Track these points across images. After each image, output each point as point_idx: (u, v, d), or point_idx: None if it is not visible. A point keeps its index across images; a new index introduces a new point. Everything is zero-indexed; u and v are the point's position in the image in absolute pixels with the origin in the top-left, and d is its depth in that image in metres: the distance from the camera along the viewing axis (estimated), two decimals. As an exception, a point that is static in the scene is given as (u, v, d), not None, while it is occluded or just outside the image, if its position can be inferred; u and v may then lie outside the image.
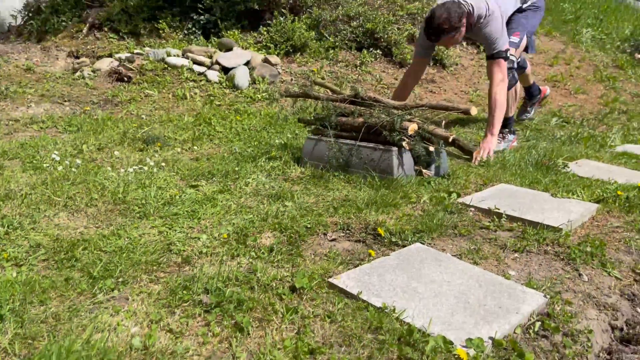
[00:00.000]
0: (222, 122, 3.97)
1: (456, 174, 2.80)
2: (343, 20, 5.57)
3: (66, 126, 3.64)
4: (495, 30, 3.20)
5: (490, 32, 3.20)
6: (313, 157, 2.95)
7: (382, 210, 2.21)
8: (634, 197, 2.36)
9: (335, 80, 5.07)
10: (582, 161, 3.21)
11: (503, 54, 3.22)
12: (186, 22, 5.45)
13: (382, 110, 2.82)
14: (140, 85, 4.56)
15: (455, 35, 3.19)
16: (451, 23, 3.10)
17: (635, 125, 4.68)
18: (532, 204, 2.29)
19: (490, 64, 3.27)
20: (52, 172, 2.63)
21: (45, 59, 5.11)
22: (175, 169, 2.83)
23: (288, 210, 2.22)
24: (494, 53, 3.22)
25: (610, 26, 8.71)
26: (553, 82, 5.95)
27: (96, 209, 2.20)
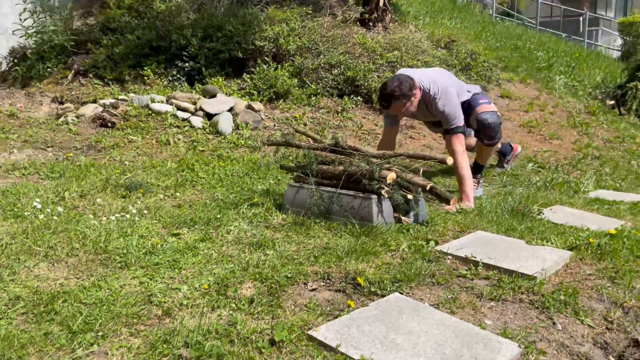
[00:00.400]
0: (205, 168, 4.02)
1: (434, 221, 2.86)
2: (325, 68, 5.73)
3: (49, 172, 3.65)
4: (452, 107, 3.40)
5: (448, 108, 3.39)
6: (295, 204, 3.00)
7: (362, 259, 2.24)
8: (605, 244, 2.43)
9: (317, 126, 5.17)
10: (557, 207, 3.30)
11: (460, 128, 3.41)
12: (171, 69, 5.56)
13: (362, 159, 2.89)
14: (124, 131, 4.61)
15: (406, 103, 3.35)
16: (402, 90, 3.30)
17: (607, 171, 4.83)
18: (507, 252, 2.35)
19: (449, 139, 3.44)
20: (33, 220, 2.63)
21: (29, 105, 5.14)
22: (157, 217, 2.85)
23: (269, 259, 2.25)
24: (452, 128, 3.40)
25: (582, 73, 9.07)
26: (528, 127, 6.14)
27: (77, 259, 2.20)
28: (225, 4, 6.16)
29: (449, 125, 3.43)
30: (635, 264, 2.27)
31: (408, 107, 3.39)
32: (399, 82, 3.32)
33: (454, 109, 3.41)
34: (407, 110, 3.42)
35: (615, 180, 4.51)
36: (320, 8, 6.81)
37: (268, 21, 5.90)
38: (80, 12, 6.50)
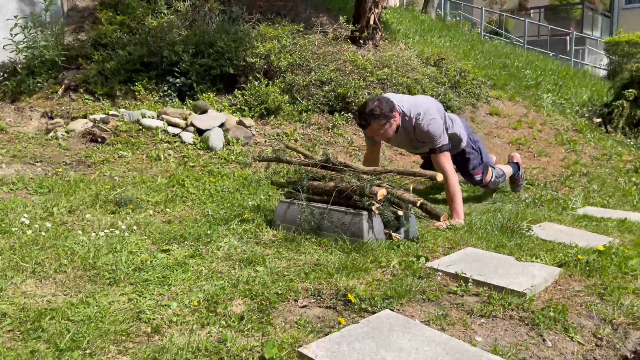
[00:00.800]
0: (196, 183, 4.01)
1: (425, 237, 2.87)
2: (316, 85, 5.77)
3: (37, 188, 3.62)
4: (436, 127, 3.42)
5: (432, 128, 3.41)
6: (285, 220, 2.99)
7: (352, 275, 2.24)
8: (593, 261, 2.45)
9: (308, 142, 5.19)
10: (545, 224, 3.33)
11: (446, 146, 3.46)
12: (162, 84, 5.56)
13: (353, 175, 2.91)
14: (114, 147, 4.59)
15: (385, 125, 3.34)
16: (382, 110, 3.29)
17: (595, 188, 4.88)
18: (497, 269, 2.36)
19: (436, 158, 3.47)
20: (21, 236, 2.61)
21: (18, 120, 5.12)
22: (147, 233, 2.83)
23: (259, 275, 2.24)
24: (439, 147, 3.44)
25: (569, 92, 9.20)
26: (517, 144, 6.20)
27: (65, 275, 2.18)
28: (216, 21, 6.20)
29: (435, 144, 3.45)
30: (623, 281, 2.29)
31: (387, 128, 3.37)
32: (379, 102, 3.33)
33: (438, 128, 3.44)
34: (385, 132, 3.39)
35: (602, 197, 4.55)
36: (312, 25, 6.87)
37: (259, 38, 5.94)
38: (72, 28, 6.51)
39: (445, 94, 6.33)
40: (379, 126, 3.34)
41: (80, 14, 6.73)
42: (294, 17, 7.01)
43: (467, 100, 6.72)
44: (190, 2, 6.51)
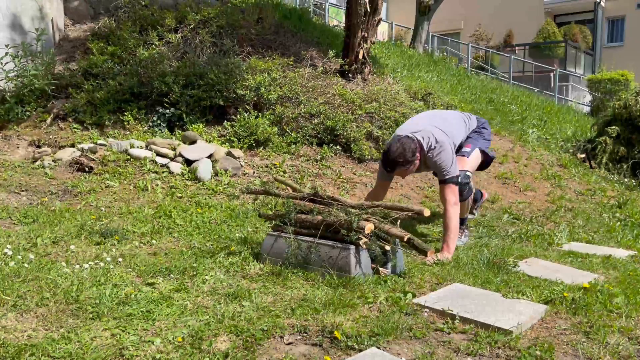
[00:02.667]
0: (183, 214, 3.99)
1: (412, 272, 2.86)
2: (305, 117, 5.82)
3: (21, 217, 3.58)
4: (445, 159, 3.48)
5: (441, 160, 3.48)
6: (272, 254, 2.98)
7: (339, 312, 2.23)
8: (579, 298, 2.46)
9: (296, 174, 5.20)
10: (532, 260, 3.34)
11: (454, 179, 3.49)
12: (152, 115, 5.58)
13: (341, 209, 2.91)
14: (101, 176, 4.57)
15: (409, 168, 3.51)
16: (405, 157, 3.44)
17: (580, 223, 4.93)
18: (484, 306, 2.36)
19: (442, 188, 3.51)
20: (3, 268, 2.56)
21: (5, 148, 5.08)
22: (132, 265, 2.80)
23: (245, 310, 2.21)
24: (447, 179, 3.48)
25: (554, 127, 9.37)
26: (503, 179, 6.27)
27: (47, 309, 2.14)
28: (207, 53, 6.27)
29: (443, 176, 3.50)
30: (609, 319, 2.30)
31: (410, 170, 3.56)
32: (402, 148, 3.43)
33: (447, 160, 3.48)
34: (409, 172, 3.59)
35: (587, 232, 4.59)
36: (302, 59, 6.97)
37: (250, 71, 6.01)
38: (63, 57, 6.54)
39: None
40: (403, 171, 3.56)
41: (71, 44, 6.78)
42: (284, 51, 7.11)
43: (454, 134, 6.80)
44: (181, 35, 6.60)
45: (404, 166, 3.48)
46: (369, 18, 6.84)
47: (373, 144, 5.92)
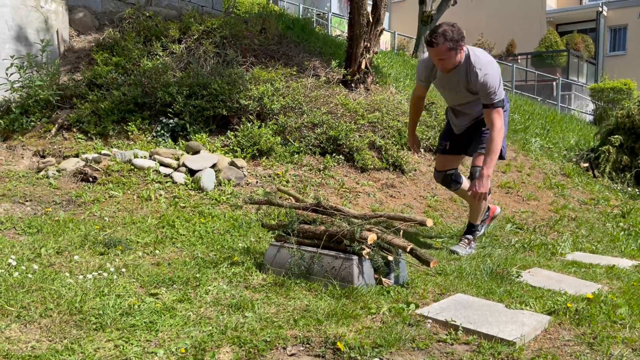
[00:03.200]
0: (186, 224, 4.00)
1: (415, 282, 2.86)
2: (307, 127, 5.84)
3: (26, 228, 3.60)
4: (493, 79, 3.33)
5: (488, 80, 3.32)
6: (275, 264, 2.98)
7: (342, 322, 2.23)
8: (582, 309, 2.46)
9: (299, 184, 5.21)
10: (535, 270, 3.34)
11: (500, 103, 3.37)
12: (155, 125, 5.61)
13: (343, 219, 2.92)
14: (105, 186, 4.59)
15: (451, 51, 3.31)
16: (453, 34, 3.28)
17: (583, 233, 4.92)
18: (487, 316, 2.36)
19: (489, 112, 3.36)
20: (7, 278, 2.58)
21: (10, 158, 5.11)
22: (135, 275, 2.81)
23: (248, 321, 2.22)
24: (495, 102, 3.34)
25: (557, 136, 9.38)
26: (507, 188, 6.27)
27: (51, 319, 2.14)
28: (211, 64, 6.31)
29: (489, 99, 3.34)
30: (612, 330, 2.29)
31: (451, 55, 3.32)
32: (453, 27, 3.30)
33: (495, 81, 3.33)
34: (448, 59, 3.33)
35: (591, 242, 4.59)
36: (305, 69, 7.01)
37: (253, 81, 6.04)
38: (68, 68, 6.59)
39: (435, 137, 6.43)
40: (446, 50, 3.30)
41: (76, 55, 6.83)
42: (287, 61, 7.15)
43: (457, 143, 6.81)
44: (185, 45, 6.64)
45: (448, 43, 3.26)
46: (372, 28, 6.88)
47: (376, 153, 5.93)
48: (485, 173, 3.32)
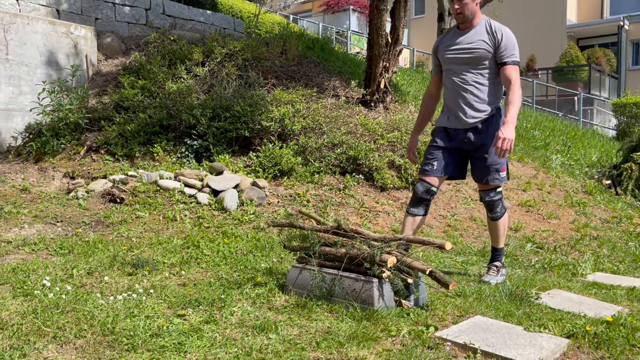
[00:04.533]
0: (210, 244, 4.11)
1: (434, 305, 2.91)
2: (328, 147, 5.95)
3: (57, 249, 3.74)
4: (512, 39, 3.35)
5: (509, 39, 3.33)
6: (297, 286, 3.06)
7: (363, 345, 2.29)
8: (601, 332, 2.48)
9: (319, 203, 5.30)
10: (554, 291, 3.36)
11: (518, 62, 3.37)
12: (180, 146, 5.78)
13: (363, 242, 2.99)
14: (132, 207, 4.74)
15: None
16: None
17: (605, 252, 4.90)
18: (506, 339, 2.40)
19: (509, 69, 3.31)
20: (43, 299, 2.70)
21: (41, 180, 5.31)
22: (163, 296, 2.91)
23: (272, 343, 2.30)
24: (514, 60, 3.33)
25: (578, 152, 9.33)
26: (527, 206, 6.27)
27: (85, 340, 2.25)
28: (234, 86, 6.48)
29: (509, 54, 3.32)
30: (631, 353, 2.31)
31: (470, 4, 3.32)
32: None
33: (514, 41, 3.34)
34: (466, 4, 3.32)
35: (613, 262, 4.57)
36: (324, 90, 7.14)
37: (274, 102, 6.19)
38: (96, 91, 6.83)
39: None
40: None
41: (104, 78, 7.07)
42: (307, 82, 7.29)
43: (476, 162, 6.84)
44: (208, 68, 6.83)
45: None
46: (391, 49, 6.99)
47: (395, 172, 6.00)
48: (510, 121, 3.15)
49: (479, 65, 3.39)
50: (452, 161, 3.50)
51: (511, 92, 3.24)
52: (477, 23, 3.39)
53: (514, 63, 3.32)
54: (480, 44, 3.35)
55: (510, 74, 3.29)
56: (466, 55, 3.40)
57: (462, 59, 3.42)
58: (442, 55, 3.52)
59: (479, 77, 3.40)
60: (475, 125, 3.41)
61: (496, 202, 3.50)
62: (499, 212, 3.53)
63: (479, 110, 3.40)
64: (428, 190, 3.46)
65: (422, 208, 3.49)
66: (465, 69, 3.41)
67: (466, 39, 3.40)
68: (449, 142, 3.50)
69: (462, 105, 3.43)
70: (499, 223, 3.55)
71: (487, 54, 3.35)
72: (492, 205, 3.51)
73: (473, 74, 3.40)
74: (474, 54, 3.37)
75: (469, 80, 3.41)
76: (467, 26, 3.41)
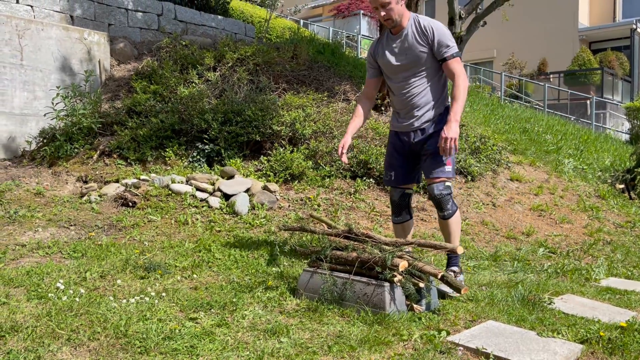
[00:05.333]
0: (222, 248, 4.12)
1: (446, 309, 2.90)
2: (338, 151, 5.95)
3: (71, 252, 3.78)
4: (444, 31, 3.24)
5: (440, 33, 3.22)
6: (308, 289, 3.07)
7: (374, 349, 2.29)
8: (615, 338, 2.46)
9: (330, 207, 5.31)
10: (567, 296, 3.33)
11: (458, 53, 3.25)
12: (191, 150, 5.82)
13: (375, 246, 2.99)
14: (144, 211, 4.77)
15: None
16: None
17: (619, 257, 4.85)
18: (518, 344, 2.39)
19: (450, 64, 3.23)
20: (56, 302, 2.73)
21: (55, 184, 5.37)
22: (175, 299, 2.93)
23: (283, 347, 2.30)
24: (453, 53, 3.22)
25: (591, 157, 9.24)
26: (539, 211, 6.22)
27: (98, 343, 2.27)
28: (245, 90, 6.51)
29: (447, 49, 3.21)
30: (646, 360, 2.29)
31: (390, 2, 3.16)
32: None
33: (448, 34, 3.23)
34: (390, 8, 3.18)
35: (627, 267, 4.52)
36: (335, 94, 7.15)
37: (285, 107, 6.21)
38: (109, 96, 6.89)
39: (465, 160, 6.46)
40: None
41: (116, 83, 7.14)
42: (317, 86, 7.31)
43: (488, 166, 6.82)
44: (220, 73, 6.88)
45: None
46: (401, 53, 6.99)
47: (406, 177, 5.98)
48: (454, 118, 3.09)
49: (419, 68, 3.31)
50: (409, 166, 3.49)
51: (455, 88, 3.16)
52: (407, 24, 3.29)
53: (453, 56, 3.22)
54: (415, 46, 3.26)
55: (453, 68, 3.22)
56: (405, 62, 3.31)
57: (402, 66, 3.33)
58: (381, 62, 3.43)
59: (421, 79, 3.33)
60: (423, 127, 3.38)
61: (445, 197, 3.28)
62: (449, 210, 3.30)
63: (426, 112, 3.35)
64: (403, 195, 3.48)
65: (405, 213, 3.52)
66: (406, 74, 3.34)
67: (401, 43, 3.31)
68: (402, 147, 3.47)
69: (408, 109, 3.38)
70: (450, 222, 3.32)
71: (424, 54, 3.26)
72: (441, 201, 3.28)
73: (415, 78, 3.33)
74: (411, 57, 3.29)
75: (412, 84, 3.34)
76: (399, 29, 3.30)
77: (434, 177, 3.31)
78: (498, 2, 9.74)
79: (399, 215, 3.54)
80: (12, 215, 4.46)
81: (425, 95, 3.34)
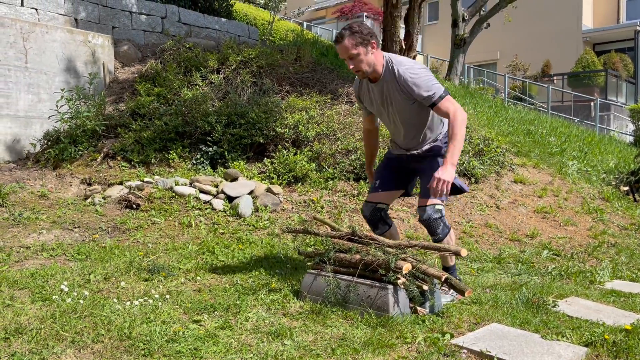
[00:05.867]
0: (225, 250, 4.13)
1: (450, 312, 2.90)
2: (342, 153, 5.96)
3: (75, 254, 3.79)
4: (425, 75, 3.04)
5: (416, 80, 3.01)
6: (312, 292, 3.07)
7: (378, 352, 2.29)
8: (620, 341, 2.45)
9: (334, 209, 5.31)
10: (572, 299, 3.32)
11: (444, 94, 3.00)
12: (195, 153, 5.83)
13: (378, 248, 2.99)
14: (148, 213, 4.78)
15: (359, 47, 2.98)
16: (361, 30, 2.99)
17: (623, 260, 4.83)
18: (522, 347, 2.38)
19: (440, 107, 3.00)
20: (61, 304, 2.74)
21: (59, 186, 5.39)
22: (178, 302, 2.93)
23: (287, 349, 2.30)
24: (436, 98, 2.99)
25: (595, 158, 9.21)
26: (543, 213, 6.21)
27: (102, 345, 2.28)
28: (248, 93, 6.52)
29: (430, 97, 2.99)
30: (652, 363, 2.28)
31: (361, 53, 2.99)
32: (361, 24, 3.04)
33: (427, 76, 3.02)
34: (358, 58, 2.99)
35: (631, 269, 4.50)
36: (338, 96, 7.15)
37: (289, 109, 6.21)
38: (113, 99, 6.92)
39: (469, 162, 6.45)
40: (352, 45, 2.97)
41: (120, 86, 7.17)
42: (321, 88, 7.32)
43: (492, 168, 6.80)
44: (223, 75, 6.89)
45: (355, 38, 2.96)
46: (404, 55, 6.99)
47: (409, 179, 5.98)
48: (449, 161, 2.87)
49: (404, 111, 3.15)
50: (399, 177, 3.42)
51: (451, 127, 2.94)
52: (382, 70, 3.08)
53: (440, 98, 2.99)
54: (395, 95, 3.09)
55: (445, 109, 2.99)
56: (391, 107, 3.16)
57: (387, 111, 3.21)
58: (367, 105, 3.32)
59: (411, 119, 3.19)
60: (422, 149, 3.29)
61: (435, 222, 3.13)
62: (440, 234, 3.14)
63: (420, 143, 3.27)
64: (374, 210, 3.37)
65: (381, 225, 3.41)
66: (395, 117, 3.21)
67: (380, 92, 3.15)
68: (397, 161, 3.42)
69: (403, 137, 3.29)
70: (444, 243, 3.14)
71: (407, 101, 3.09)
72: (429, 225, 3.15)
73: (405, 118, 3.18)
74: (396, 104, 3.13)
75: (403, 123, 3.21)
76: (376, 76, 3.10)
77: (424, 198, 3.18)
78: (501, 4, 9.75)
79: (377, 228, 3.42)
80: (17, 217, 4.48)
81: (418, 132, 3.24)
